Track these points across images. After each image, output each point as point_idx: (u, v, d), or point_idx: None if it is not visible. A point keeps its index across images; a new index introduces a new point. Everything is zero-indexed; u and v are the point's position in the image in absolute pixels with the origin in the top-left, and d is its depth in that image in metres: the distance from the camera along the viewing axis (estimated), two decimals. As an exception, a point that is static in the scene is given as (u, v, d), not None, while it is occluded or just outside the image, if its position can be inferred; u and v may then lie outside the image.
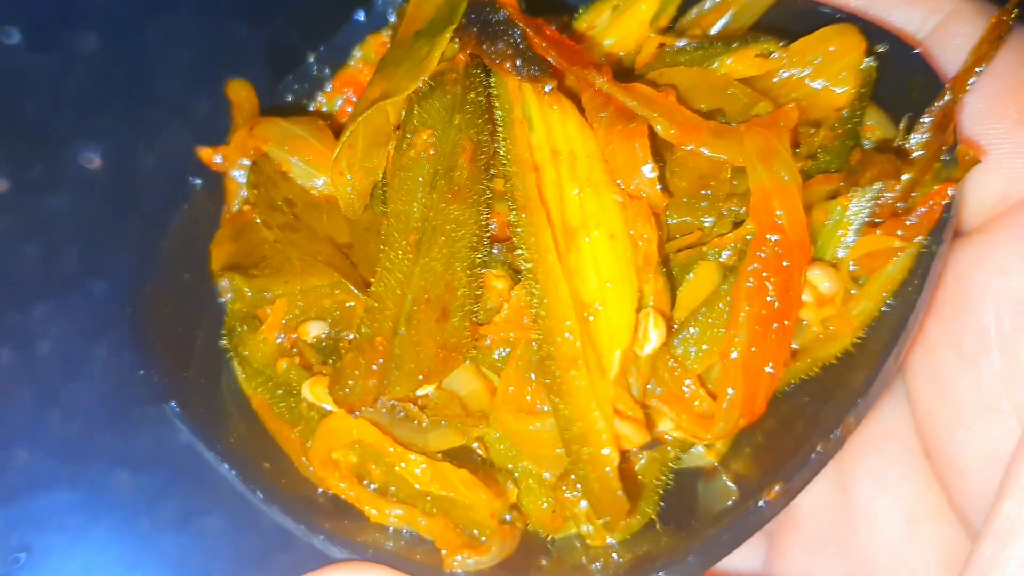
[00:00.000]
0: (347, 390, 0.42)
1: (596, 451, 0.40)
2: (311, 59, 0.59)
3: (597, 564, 0.43)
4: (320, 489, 0.46)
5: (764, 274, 0.42)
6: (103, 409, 0.69)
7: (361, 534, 0.44)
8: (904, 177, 0.45)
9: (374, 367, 0.42)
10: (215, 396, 0.50)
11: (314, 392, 0.44)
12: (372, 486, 0.45)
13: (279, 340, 0.48)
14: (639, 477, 0.43)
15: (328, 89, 0.58)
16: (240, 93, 0.57)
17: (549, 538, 0.45)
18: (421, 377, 0.42)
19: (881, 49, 0.50)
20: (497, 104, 0.48)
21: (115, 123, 0.74)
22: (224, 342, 0.50)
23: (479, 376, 0.46)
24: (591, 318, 0.42)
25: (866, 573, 0.53)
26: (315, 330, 0.47)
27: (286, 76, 0.59)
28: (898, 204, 0.45)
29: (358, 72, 0.57)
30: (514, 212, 0.45)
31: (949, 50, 0.48)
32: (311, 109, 0.58)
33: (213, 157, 0.54)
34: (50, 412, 0.72)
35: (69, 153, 0.61)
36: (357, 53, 0.58)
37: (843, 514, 0.53)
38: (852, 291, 0.45)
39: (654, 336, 0.42)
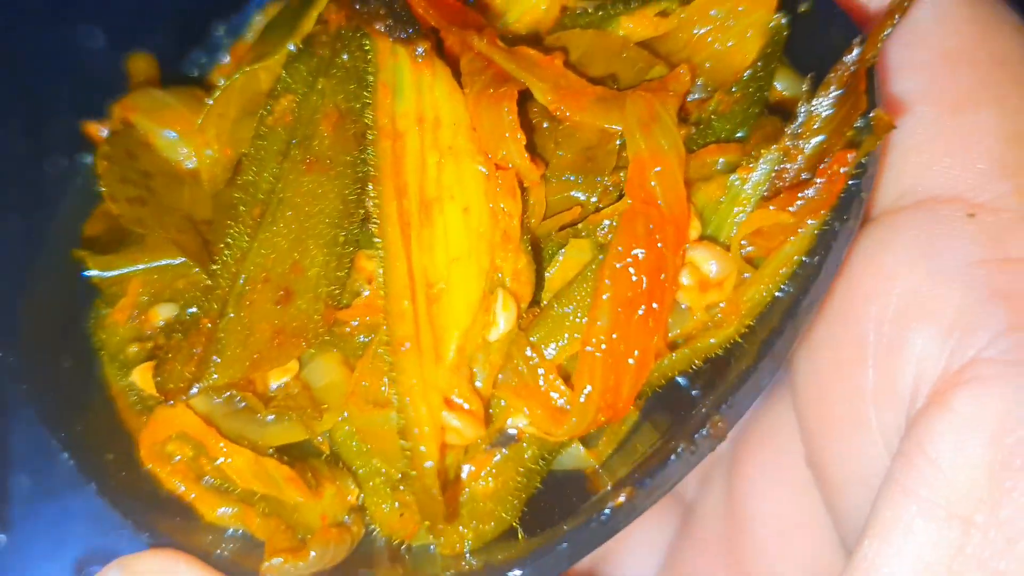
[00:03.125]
0: (164, 377, 0.38)
1: (416, 445, 0.35)
2: (218, 31, 0.56)
3: (449, 574, 0.38)
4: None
5: (633, 252, 0.37)
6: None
7: (194, 535, 0.40)
8: (812, 143, 0.40)
9: (195, 352, 0.38)
10: (81, 383, 0.47)
11: (142, 379, 0.41)
12: (210, 481, 0.41)
13: (133, 323, 0.45)
14: (486, 479, 0.38)
15: (225, 62, 0.54)
16: (139, 66, 0.55)
17: (404, 545, 0.41)
18: (248, 364, 0.38)
19: (804, 7, 0.45)
20: (369, 68, 0.44)
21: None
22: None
23: (342, 366, 0.42)
24: (435, 298, 0.38)
25: None
26: (165, 313, 0.44)
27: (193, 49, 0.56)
28: (802, 176, 0.40)
29: (254, 43, 0.54)
30: (371, 183, 0.41)
31: None
32: (208, 83, 0.54)
33: (99, 131, 0.51)
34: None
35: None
36: (258, 21, 0.54)
37: (729, 515, 0.50)
38: (746, 275, 0.40)
39: (503, 320, 0.38)
